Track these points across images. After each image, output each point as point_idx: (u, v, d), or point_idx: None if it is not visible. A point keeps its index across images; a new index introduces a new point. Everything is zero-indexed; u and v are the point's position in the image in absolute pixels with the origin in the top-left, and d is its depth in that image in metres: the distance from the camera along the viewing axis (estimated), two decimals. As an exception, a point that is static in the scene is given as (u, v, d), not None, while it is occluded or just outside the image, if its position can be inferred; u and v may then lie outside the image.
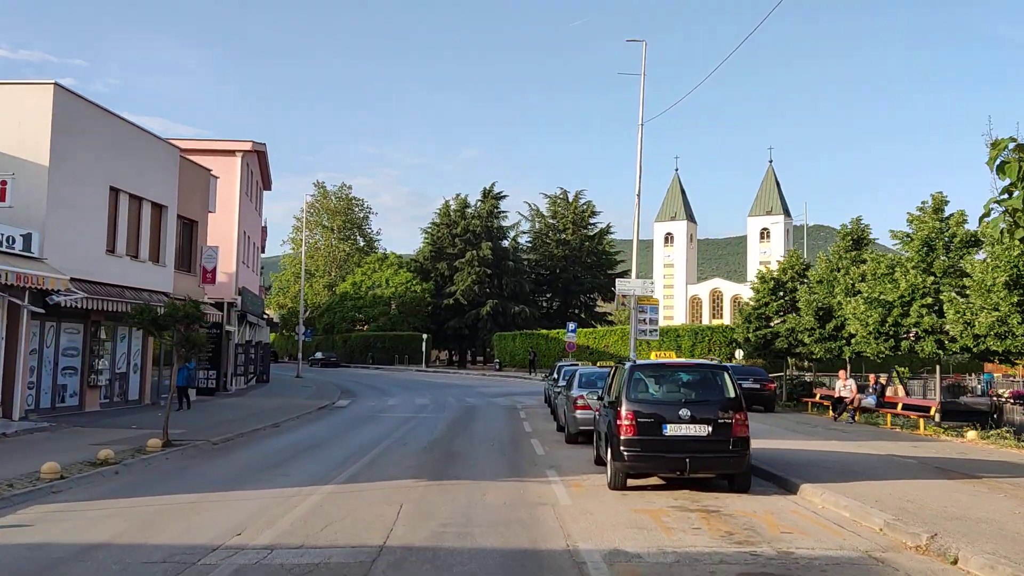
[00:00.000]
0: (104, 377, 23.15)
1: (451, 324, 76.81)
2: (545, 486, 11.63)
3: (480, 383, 46.04)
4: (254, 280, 40.67)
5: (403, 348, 72.00)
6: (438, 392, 36.75)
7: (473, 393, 35.96)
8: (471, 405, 29.05)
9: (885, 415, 21.57)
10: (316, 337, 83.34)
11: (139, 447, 14.93)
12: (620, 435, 10.67)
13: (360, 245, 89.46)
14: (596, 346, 54.66)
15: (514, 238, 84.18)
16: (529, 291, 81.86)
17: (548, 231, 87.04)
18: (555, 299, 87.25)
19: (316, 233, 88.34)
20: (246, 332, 39.10)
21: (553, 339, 57.87)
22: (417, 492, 11.07)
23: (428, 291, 77.96)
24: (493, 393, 36.09)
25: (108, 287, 21.88)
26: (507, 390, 38.70)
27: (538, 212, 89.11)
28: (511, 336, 62.45)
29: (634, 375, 11.16)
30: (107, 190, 22.26)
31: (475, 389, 39.20)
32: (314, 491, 11.06)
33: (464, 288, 76.68)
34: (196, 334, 15.80)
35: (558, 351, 57.08)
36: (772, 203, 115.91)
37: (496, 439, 18.23)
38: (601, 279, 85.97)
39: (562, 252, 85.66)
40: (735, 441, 10.58)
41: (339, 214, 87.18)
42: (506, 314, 76.05)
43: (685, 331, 50.94)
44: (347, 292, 79.20)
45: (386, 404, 29.78)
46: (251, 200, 37.79)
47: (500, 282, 79.24)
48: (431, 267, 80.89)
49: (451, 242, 79.91)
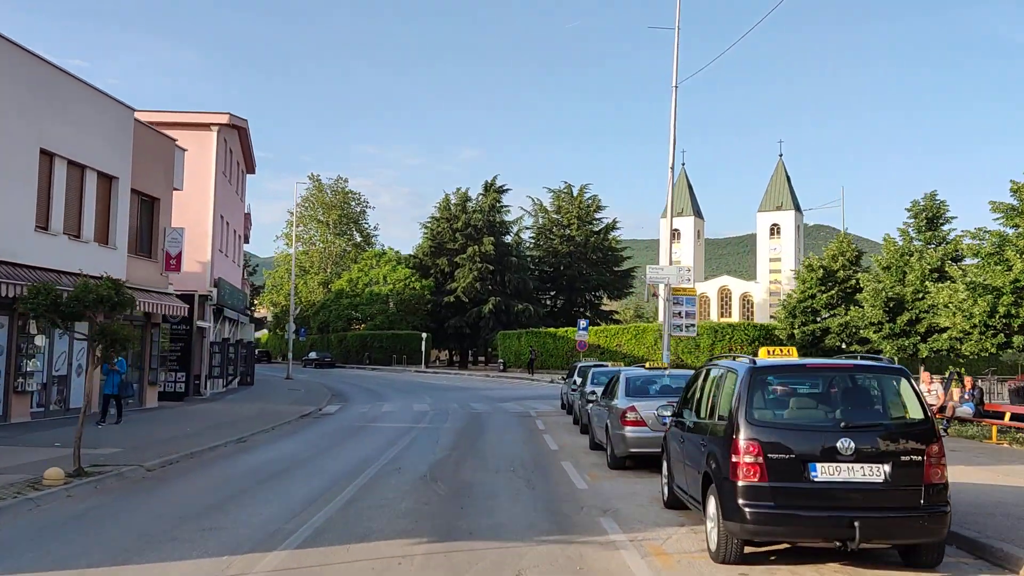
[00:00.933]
0: (36, 381, 19.15)
1: (452, 323, 72.87)
2: (609, 553, 7.58)
3: (484, 385, 42.07)
4: (235, 272, 36.65)
5: (401, 348, 68.02)
6: (439, 396, 32.79)
7: (478, 397, 32.00)
8: (477, 412, 25.08)
9: (988, 426, 17.54)
10: (310, 336, 79.33)
11: (37, 478, 10.96)
12: (737, 479, 6.73)
13: (357, 241, 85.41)
14: (607, 345, 50.67)
15: (517, 233, 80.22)
16: (533, 288, 77.93)
17: (552, 227, 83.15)
18: (559, 297, 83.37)
19: (311, 228, 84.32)
20: (225, 329, 35.10)
21: (561, 338, 53.88)
22: (413, 568, 7.08)
23: (427, 288, 74.02)
24: (500, 397, 32.13)
25: (38, 271, 17.89)
26: (515, 393, 34.75)
27: (541, 207, 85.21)
28: (515, 335, 58.42)
29: (758, 382, 7.19)
30: (37, 153, 18.26)
31: (480, 392, 35.26)
32: (251, 566, 7.07)
33: (465, 285, 72.75)
34: (118, 326, 11.79)
35: (566, 351, 53.10)
36: (782, 198, 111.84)
37: (517, 461, 14.23)
38: (607, 276, 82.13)
39: (567, 248, 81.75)
40: (929, 491, 6.65)
41: (335, 208, 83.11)
42: (509, 312, 72.16)
43: (704, 329, 46.93)
44: (343, 289, 75.20)
45: (380, 411, 25.82)
46: (230, 182, 33.79)
47: (503, 279, 75.32)
48: (430, 263, 76.93)
49: (451, 237, 75.98)
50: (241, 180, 36.75)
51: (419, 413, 24.60)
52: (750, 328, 46.15)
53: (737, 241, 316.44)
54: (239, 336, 38.23)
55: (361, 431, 19.40)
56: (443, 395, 33.45)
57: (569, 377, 24.75)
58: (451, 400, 30.32)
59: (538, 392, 35.84)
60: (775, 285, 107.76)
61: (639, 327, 49.77)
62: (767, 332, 45.30)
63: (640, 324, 51.34)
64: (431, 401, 30.01)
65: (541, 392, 35.67)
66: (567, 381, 25.41)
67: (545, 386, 41.66)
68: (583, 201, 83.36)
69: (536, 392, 35.90)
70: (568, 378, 25.12)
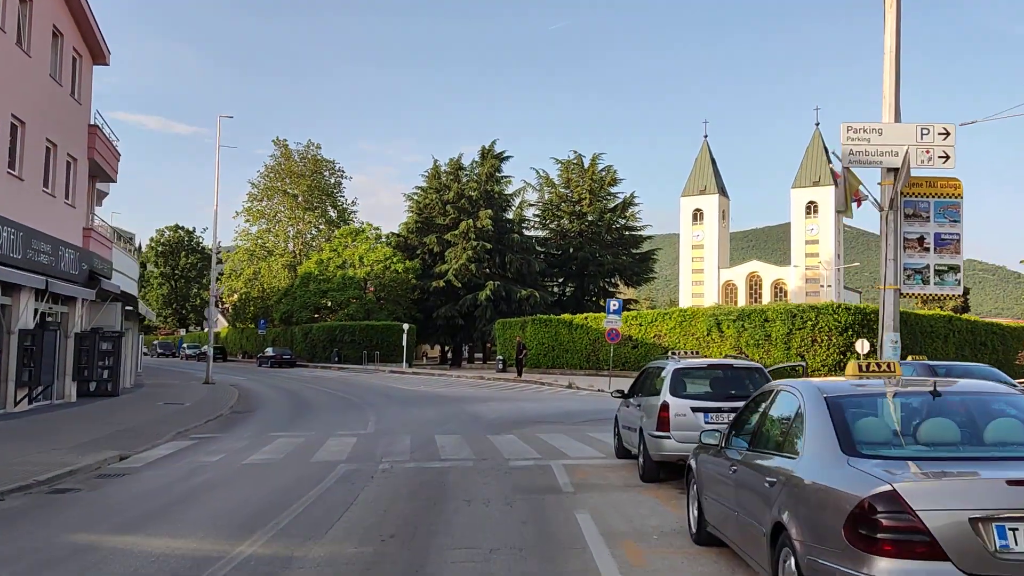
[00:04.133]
0: None
1: (441, 312, 60.34)
2: None
3: (473, 393, 29.34)
4: (73, 223, 23.77)
5: (379, 342, 55.35)
6: (393, 416, 20.11)
7: (457, 419, 19.28)
8: (443, 467, 12.27)
9: None
10: (273, 329, 66.77)
11: None
12: None
13: (331, 217, 72.64)
14: (642, 336, 37.92)
15: (519, 206, 67.45)
16: (539, 272, 65.29)
17: (560, 202, 70.56)
18: (569, 284, 70.83)
19: (276, 202, 71.57)
20: (74, 316, 22.44)
21: (579, 327, 41.09)
22: None
23: (413, 271, 61.45)
24: (494, 419, 19.32)
25: None
26: (517, 411, 21.94)
27: (547, 180, 72.58)
28: (517, 324, 45.53)
29: None
30: None
31: (463, 408, 22.56)
32: None
33: (458, 267, 60.23)
34: None
35: (587, 344, 40.31)
36: (820, 172, 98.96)
37: None
38: (624, 259, 69.64)
39: (577, 227, 69.27)
40: None
41: (304, 178, 70.34)
42: (510, 299, 59.61)
43: (777, 312, 34.15)
44: (310, 273, 62.51)
45: (243, 459, 12.92)
46: (29, 53, 21.05)
47: (502, 260, 62.76)
48: (416, 242, 64.37)
49: (441, 210, 63.38)
50: (78, 72, 23.66)
51: (319, 468, 11.83)
52: (841, 311, 33.29)
53: (765, 233, 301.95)
54: (103, 324, 25.53)
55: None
56: (401, 415, 20.74)
57: (639, 393, 12.01)
58: (408, 426, 17.59)
59: (553, 408, 23.12)
60: (813, 271, 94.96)
61: (686, 312, 37.00)
62: (864, 316, 32.67)
63: (689, 308, 38.49)
64: (372, 427, 17.39)
65: (557, 407, 23.01)
66: (625, 400, 12.72)
67: (558, 395, 29.01)
68: (596, 173, 70.79)
69: (550, 408, 23.13)
70: (634, 394, 12.33)
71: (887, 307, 10.08)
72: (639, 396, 11.73)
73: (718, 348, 35.08)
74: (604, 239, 70.60)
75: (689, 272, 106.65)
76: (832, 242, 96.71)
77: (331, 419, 19.42)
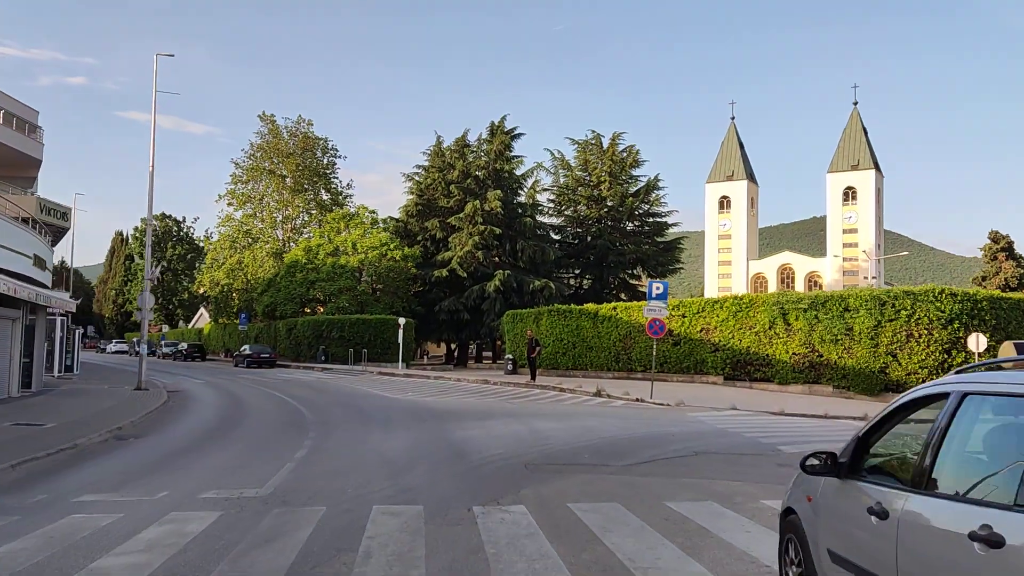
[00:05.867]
0: None
1: (444, 305, 53.22)
2: None
3: (477, 406, 22.06)
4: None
5: (372, 338, 48.22)
6: (346, 450, 12.91)
7: (445, 462, 12.00)
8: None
9: None
10: (256, 325, 59.81)
11: None
12: None
13: (324, 200, 65.56)
14: (685, 330, 30.58)
15: (532, 187, 60.14)
16: (553, 261, 58.09)
17: (577, 186, 63.30)
18: (586, 275, 63.59)
19: (262, 184, 64.56)
20: None
21: (605, 319, 33.71)
22: None
23: (413, 259, 54.32)
24: (502, 462, 11.95)
25: None
26: (544, 442, 14.61)
27: (563, 161, 65.26)
28: (530, 315, 38.17)
29: None
30: None
31: (457, 434, 15.25)
32: None
33: (463, 254, 53.12)
34: None
35: (615, 339, 32.99)
36: (859, 155, 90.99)
37: None
38: (647, 248, 62.29)
39: (595, 213, 62.04)
40: None
41: (293, 157, 63.29)
42: (521, 291, 52.44)
43: (860, 299, 26.63)
44: (297, 261, 55.47)
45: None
46: None
47: (513, 247, 55.59)
48: (416, 227, 57.26)
49: (445, 191, 56.25)
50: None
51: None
52: (945, 299, 25.71)
53: (796, 228, 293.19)
54: None
55: None
56: (350, 447, 13.52)
57: (911, 468, 3.81)
58: (342, 476, 10.32)
59: (584, 432, 15.76)
60: (851, 262, 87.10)
61: (742, 300, 29.59)
62: (974, 305, 25.29)
63: (746, 295, 31.07)
64: (282, 477, 10.14)
65: (590, 431, 15.72)
66: (846, 479, 4.39)
67: (585, 407, 21.78)
68: (616, 154, 63.47)
69: (579, 432, 15.73)
70: (886, 471, 3.98)
71: None
72: (915, 477, 4.17)
73: (783, 345, 27.77)
74: (625, 226, 63.49)
75: (715, 265, 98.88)
76: (872, 231, 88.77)
77: (232, 457, 12.26)
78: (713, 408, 21.20)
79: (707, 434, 15.07)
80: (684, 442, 13.61)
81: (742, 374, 29.12)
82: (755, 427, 16.84)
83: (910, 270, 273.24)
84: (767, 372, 28.38)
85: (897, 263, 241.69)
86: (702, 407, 21.37)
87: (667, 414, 19.48)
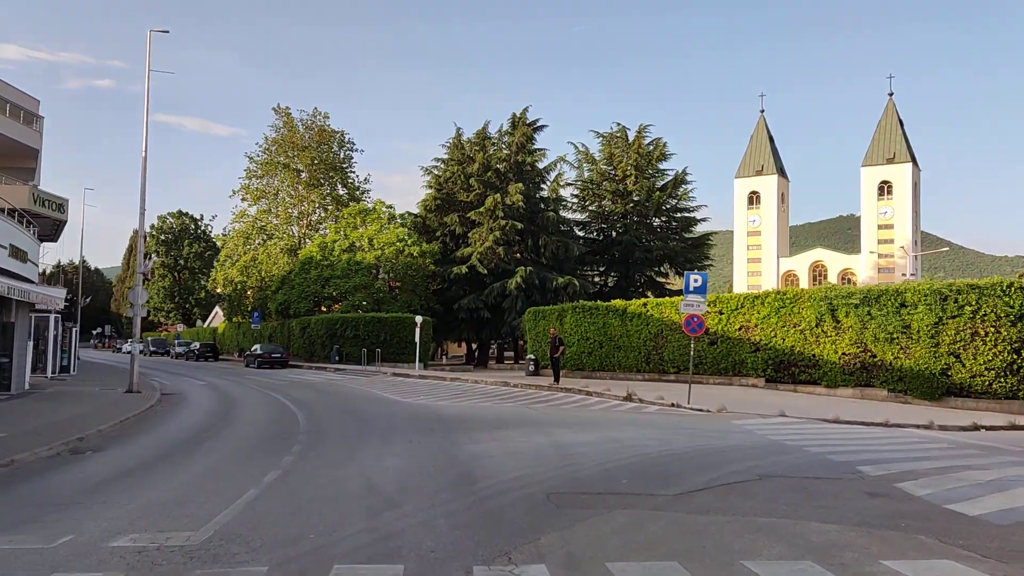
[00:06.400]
0: None
1: (464, 303, 50.93)
2: None
3: (494, 413, 19.71)
4: None
5: (387, 337, 46.06)
6: (328, 471, 10.66)
7: (447, 489, 9.68)
8: None
9: None
10: (269, 324, 57.90)
11: None
12: None
13: (340, 196, 63.55)
14: (722, 328, 28.02)
15: (555, 181, 57.65)
16: (577, 257, 55.63)
17: (601, 180, 60.73)
18: (611, 273, 61.00)
19: (276, 179, 62.69)
20: None
21: (635, 317, 31.19)
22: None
23: (431, 255, 52.13)
24: (522, 490, 9.66)
25: None
26: (573, 462, 12.14)
27: (587, 155, 62.69)
28: (553, 312, 35.69)
29: None
30: None
31: (468, 448, 12.90)
32: None
33: (483, 250, 50.86)
34: None
35: (646, 338, 30.52)
36: (895, 147, 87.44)
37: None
38: (674, 244, 59.52)
39: (620, 208, 59.40)
40: None
41: (309, 150, 61.33)
42: (544, 288, 50.08)
43: (919, 294, 23.88)
44: (312, 257, 53.49)
45: None
46: None
47: (535, 242, 53.22)
48: (435, 222, 55.05)
49: (464, 184, 53.99)
50: None
51: None
52: (1015, 292, 22.90)
53: (827, 226, 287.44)
54: None
55: None
56: (333, 466, 11.23)
57: None
58: (302, 517, 8.03)
59: (616, 444, 13.31)
60: (887, 259, 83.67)
61: (785, 295, 26.95)
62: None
63: (790, 289, 28.35)
64: (221, 520, 7.79)
65: (626, 444, 13.31)
66: None
67: (615, 413, 19.50)
68: (642, 146, 60.74)
69: (612, 445, 13.23)
70: None
71: None
72: None
73: (832, 344, 25.14)
74: (651, 222, 60.86)
75: (744, 262, 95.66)
76: (909, 226, 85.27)
77: (186, 482, 9.98)
78: (759, 415, 18.77)
79: (763, 449, 12.64)
80: (740, 461, 11.19)
81: (785, 376, 26.53)
82: (814, 438, 14.39)
83: (939, 269, 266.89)
84: (813, 374, 25.77)
85: (925, 262, 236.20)
86: (747, 414, 18.94)
87: (709, 422, 17.06)
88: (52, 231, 34.37)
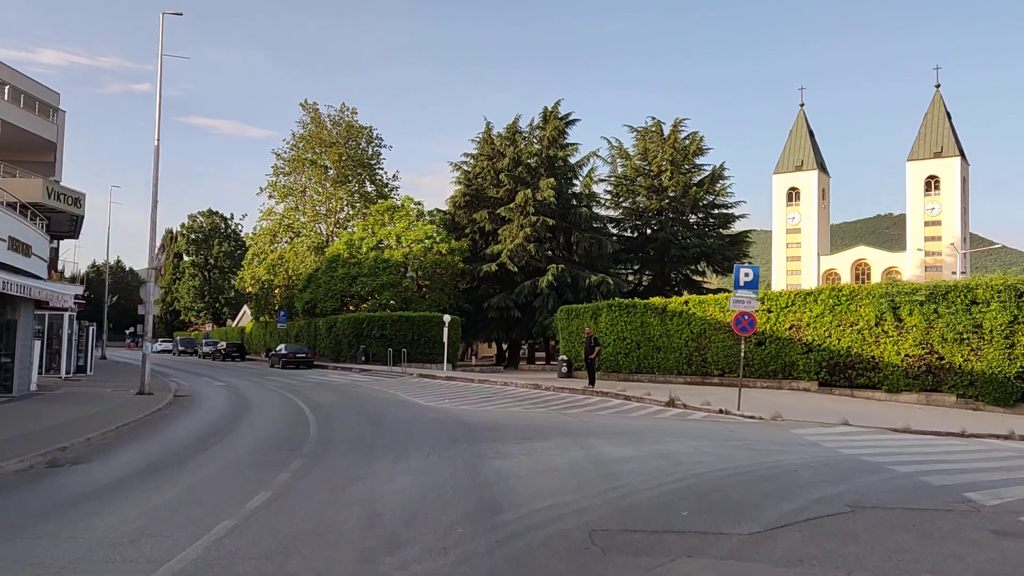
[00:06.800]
0: None
1: (494, 302, 49.30)
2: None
3: (524, 419, 18.02)
4: None
5: (415, 337, 44.62)
6: (317, 494, 9.06)
7: (460, 523, 8.03)
8: None
9: None
10: (296, 323, 56.80)
11: None
12: None
13: (368, 192, 62.28)
14: (771, 328, 26.00)
15: (588, 176, 55.69)
16: (611, 255, 53.69)
17: (636, 176, 58.63)
18: (646, 271, 58.93)
19: (304, 175, 61.61)
20: None
21: (676, 315, 29.26)
22: None
23: (460, 253, 50.60)
24: (555, 529, 8.02)
25: None
26: (619, 487, 10.46)
27: (621, 150, 60.61)
28: (587, 311, 33.87)
29: None
30: None
31: (491, 464, 11.27)
32: None
33: (513, 247, 49.20)
34: None
35: (688, 338, 28.61)
36: (942, 141, 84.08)
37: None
38: (711, 241, 57.15)
39: (655, 205, 57.27)
40: None
41: (336, 147, 60.13)
42: (576, 287, 48.31)
43: (992, 290, 21.68)
44: (339, 255, 52.26)
45: None
46: None
47: (567, 239, 51.42)
48: (464, 219, 53.49)
49: (494, 180, 52.34)
50: None
51: None
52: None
53: (869, 224, 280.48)
54: None
55: None
56: (329, 490, 9.65)
57: None
58: (266, 562, 6.37)
59: (662, 462, 11.60)
60: (934, 257, 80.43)
61: (841, 292, 24.84)
62: None
63: (846, 286, 26.17)
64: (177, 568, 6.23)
65: (675, 462, 11.60)
66: None
67: (658, 420, 17.78)
68: (678, 141, 58.49)
69: (657, 462, 11.52)
70: None
71: None
72: None
73: (893, 345, 23.02)
74: (688, 218, 58.66)
75: (783, 261, 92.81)
76: (958, 223, 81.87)
77: (160, 505, 8.43)
78: (820, 424, 16.85)
79: (840, 467, 10.77)
80: (818, 484, 9.34)
81: (841, 379, 24.45)
82: (894, 453, 12.50)
83: (980, 268, 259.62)
84: (872, 377, 23.66)
85: (974, 260, 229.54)
86: (805, 422, 17.02)
87: (766, 432, 15.19)
88: (70, 227, 33.36)
